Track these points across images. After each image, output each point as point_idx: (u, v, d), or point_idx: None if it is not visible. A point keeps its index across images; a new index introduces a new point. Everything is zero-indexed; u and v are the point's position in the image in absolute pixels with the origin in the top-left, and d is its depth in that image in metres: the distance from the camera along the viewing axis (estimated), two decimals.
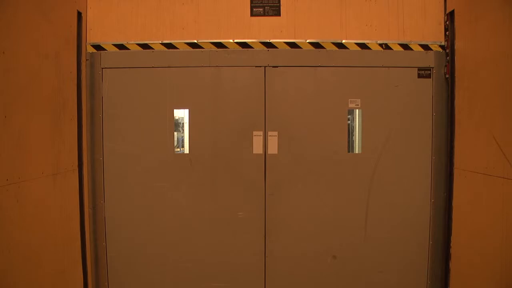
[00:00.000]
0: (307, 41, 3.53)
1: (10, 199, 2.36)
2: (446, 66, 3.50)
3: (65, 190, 3.10)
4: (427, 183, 3.55)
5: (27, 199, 2.53)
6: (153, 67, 3.53)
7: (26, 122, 2.56)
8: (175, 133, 3.60)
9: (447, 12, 3.46)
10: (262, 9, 3.54)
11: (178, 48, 3.53)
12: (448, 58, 3.47)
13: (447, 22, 3.47)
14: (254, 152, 3.53)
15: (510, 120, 2.60)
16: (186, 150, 3.59)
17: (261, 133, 3.52)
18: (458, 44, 3.33)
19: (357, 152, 3.59)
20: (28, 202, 2.55)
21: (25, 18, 2.55)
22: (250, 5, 3.54)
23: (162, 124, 3.54)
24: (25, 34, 2.54)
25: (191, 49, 3.53)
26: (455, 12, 3.33)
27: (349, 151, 3.58)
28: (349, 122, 3.58)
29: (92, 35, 3.52)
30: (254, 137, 3.52)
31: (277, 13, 3.53)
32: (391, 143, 3.55)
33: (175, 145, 3.60)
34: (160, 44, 3.54)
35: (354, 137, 3.62)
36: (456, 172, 3.31)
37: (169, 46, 3.53)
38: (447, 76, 3.48)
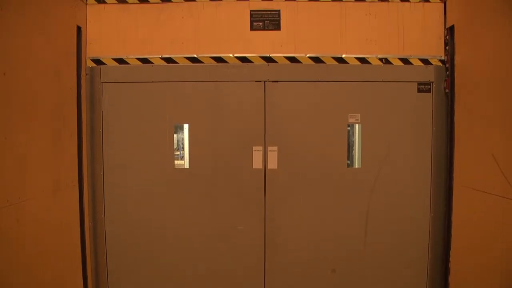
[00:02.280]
0: (307, 55, 3.53)
1: (10, 219, 2.35)
2: (446, 80, 3.50)
3: (66, 206, 3.10)
4: (427, 197, 3.55)
5: (27, 218, 2.52)
6: (152, 81, 3.53)
7: (27, 142, 2.55)
8: (175, 146, 3.61)
9: (447, 26, 3.46)
10: (262, 24, 3.53)
11: (177, 63, 3.52)
12: (448, 72, 3.47)
13: (447, 37, 3.47)
14: (254, 167, 3.53)
15: (509, 139, 2.60)
16: (186, 164, 3.59)
17: (261, 148, 3.52)
18: (458, 59, 3.32)
19: (356, 167, 3.60)
20: (28, 221, 2.54)
21: (25, 36, 2.54)
22: (250, 20, 3.53)
23: (162, 139, 3.54)
24: (25, 52, 2.54)
25: (191, 64, 3.53)
26: (455, 27, 3.33)
27: (348, 166, 3.59)
28: (349, 136, 3.58)
29: (92, 50, 3.51)
30: (254, 152, 3.52)
31: (277, 27, 3.53)
32: (391, 157, 3.55)
33: (174, 159, 3.60)
34: (160, 59, 3.53)
35: (354, 152, 3.62)
36: (455, 188, 3.30)
37: (169, 60, 3.53)
38: (447, 90, 3.48)
